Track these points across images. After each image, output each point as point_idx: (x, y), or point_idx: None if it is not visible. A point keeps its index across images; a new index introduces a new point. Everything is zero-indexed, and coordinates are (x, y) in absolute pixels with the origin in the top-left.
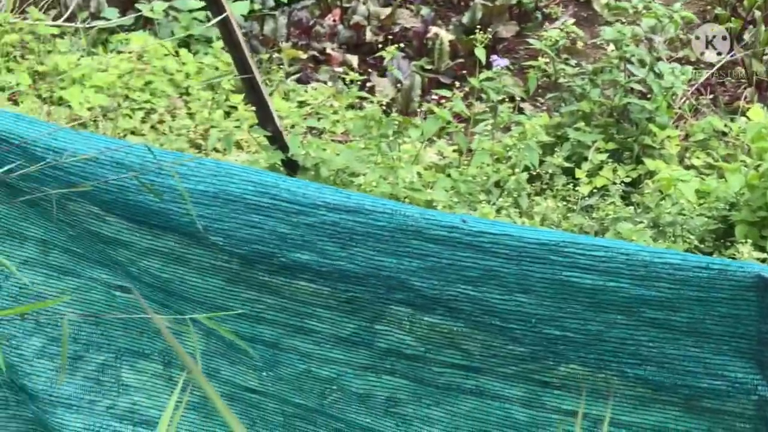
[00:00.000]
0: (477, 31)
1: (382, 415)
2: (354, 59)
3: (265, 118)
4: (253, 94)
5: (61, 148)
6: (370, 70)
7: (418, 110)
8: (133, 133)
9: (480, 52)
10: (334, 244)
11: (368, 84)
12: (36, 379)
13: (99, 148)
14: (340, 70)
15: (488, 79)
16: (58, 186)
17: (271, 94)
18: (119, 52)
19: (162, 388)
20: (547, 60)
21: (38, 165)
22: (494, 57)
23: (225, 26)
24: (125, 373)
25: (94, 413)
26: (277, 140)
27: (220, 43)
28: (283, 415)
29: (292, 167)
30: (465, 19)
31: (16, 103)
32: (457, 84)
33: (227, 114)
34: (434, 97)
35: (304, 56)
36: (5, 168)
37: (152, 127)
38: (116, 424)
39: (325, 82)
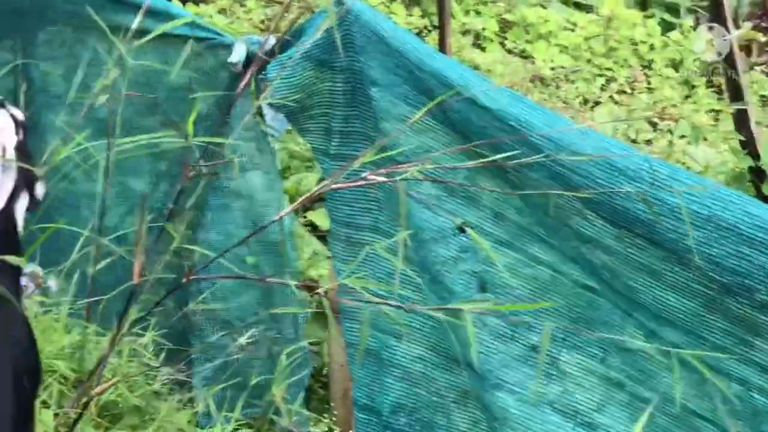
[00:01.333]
0: None
1: None
2: None
3: (741, 120)
4: (735, 94)
5: (557, 139)
6: None
7: None
8: (587, 101)
9: None
10: None
11: None
12: (485, 359)
13: (595, 146)
14: None
15: None
16: (544, 174)
17: None
18: (588, 11)
19: (607, 393)
20: None
21: (537, 157)
22: None
23: None
24: (574, 371)
25: (536, 404)
26: (748, 145)
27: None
28: None
29: (759, 176)
30: None
31: (482, 48)
32: None
33: (686, 97)
34: None
35: (763, 39)
36: (504, 155)
37: (610, 96)
38: (557, 419)
39: None
